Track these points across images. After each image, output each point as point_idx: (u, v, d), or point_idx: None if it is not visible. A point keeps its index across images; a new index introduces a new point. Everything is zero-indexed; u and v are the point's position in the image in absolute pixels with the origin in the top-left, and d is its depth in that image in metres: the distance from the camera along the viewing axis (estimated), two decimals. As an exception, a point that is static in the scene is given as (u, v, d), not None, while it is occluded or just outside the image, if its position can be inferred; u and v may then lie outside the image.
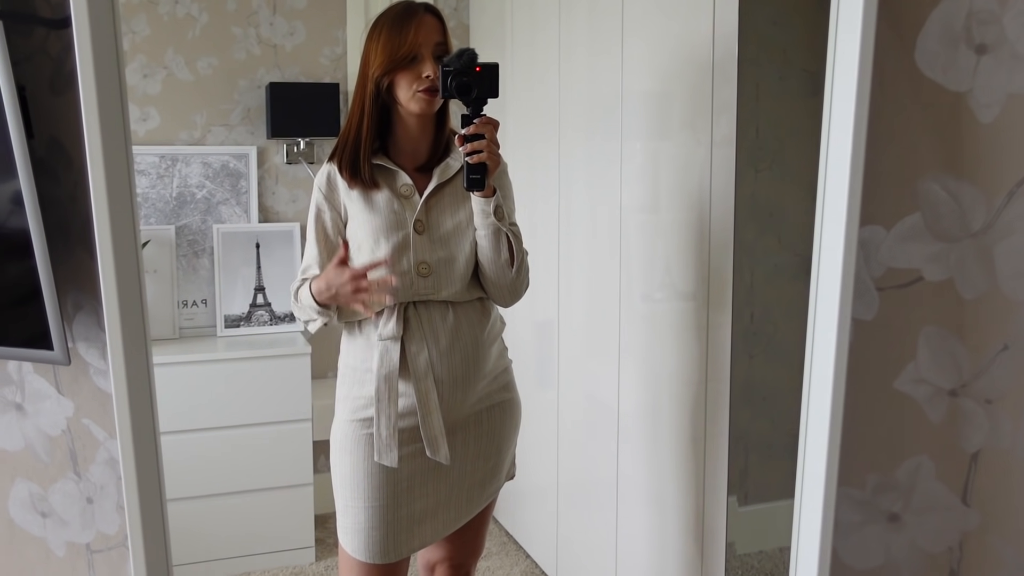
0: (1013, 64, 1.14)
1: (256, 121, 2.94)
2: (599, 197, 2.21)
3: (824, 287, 1.15)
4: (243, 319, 2.90)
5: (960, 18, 1.15)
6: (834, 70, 1.12)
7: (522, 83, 2.69)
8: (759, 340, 1.80)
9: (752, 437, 1.81)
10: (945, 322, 1.21)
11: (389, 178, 1.60)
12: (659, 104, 1.95)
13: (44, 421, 1.43)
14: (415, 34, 1.52)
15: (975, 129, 1.16)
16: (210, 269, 2.90)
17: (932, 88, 1.17)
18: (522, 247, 1.62)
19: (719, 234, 1.73)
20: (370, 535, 1.57)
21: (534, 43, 2.60)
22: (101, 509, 1.44)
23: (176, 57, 2.84)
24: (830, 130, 1.12)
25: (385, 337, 1.56)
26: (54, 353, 1.29)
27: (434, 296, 1.58)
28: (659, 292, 1.98)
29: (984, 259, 1.18)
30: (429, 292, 1.58)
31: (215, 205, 2.90)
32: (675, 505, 1.92)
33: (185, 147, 2.85)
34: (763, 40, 1.74)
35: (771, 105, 1.77)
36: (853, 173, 1.10)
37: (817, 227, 1.16)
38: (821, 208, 1.15)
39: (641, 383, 2.05)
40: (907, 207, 1.20)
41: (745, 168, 1.69)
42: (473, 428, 1.64)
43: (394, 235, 1.57)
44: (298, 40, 2.98)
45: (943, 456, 1.24)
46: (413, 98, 1.54)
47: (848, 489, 1.26)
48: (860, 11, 1.07)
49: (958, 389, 1.22)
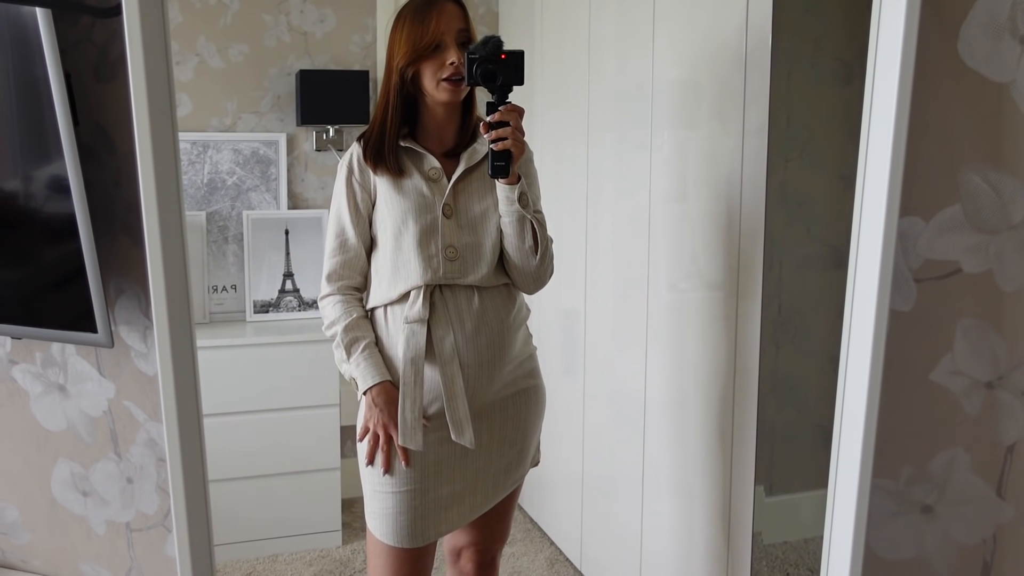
0: (1057, 55, 1.13)
1: (286, 108, 2.96)
2: (627, 186, 2.21)
3: (862, 278, 1.15)
4: (272, 305, 2.93)
5: (1005, 8, 1.14)
6: (876, 59, 1.11)
7: (551, 70, 2.69)
8: (786, 331, 1.80)
9: (779, 428, 1.81)
10: (983, 314, 1.21)
11: (417, 161, 1.62)
12: (689, 93, 1.95)
13: (86, 402, 1.46)
14: (437, 23, 1.54)
15: (1018, 120, 1.16)
16: (239, 255, 2.93)
17: (975, 79, 1.17)
18: (547, 234, 1.63)
19: (749, 224, 1.73)
20: (398, 520, 1.59)
21: (563, 30, 2.60)
22: (140, 489, 1.47)
23: (208, 44, 2.86)
24: (871, 120, 1.12)
25: (411, 320, 1.57)
26: (98, 336, 1.31)
27: (460, 280, 1.59)
28: (686, 282, 1.99)
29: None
30: (456, 276, 1.59)
31: (245, 191, 2.93)
32: (702, 495, 1.93)
33: (216, 134, 2.88)
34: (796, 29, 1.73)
35: (802, 94, 1.76)
36: (894, 164, 1.10)
37: (856, 218, 1.16)
38: (860, 199, 1.15)
39: (668, 372, 2.05)
40: (947, 198, 1.20)
41: (775, 158, 1.69)
42: (499, 414, 1.65)
43: (423, 218, 1.58)
44: (328, 28, 2.99)
45: (978, 448, 1.23)
46: (438, 87, 1.55)
47: (882, 480, 1.26)
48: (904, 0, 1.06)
49: (995, 382, 1.22)
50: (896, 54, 1.07)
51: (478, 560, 1.79)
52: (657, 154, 2.06)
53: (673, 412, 2.03)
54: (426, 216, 1.59)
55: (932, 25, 1.15)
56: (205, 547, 1.21)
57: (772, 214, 1.70)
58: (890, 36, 1.08)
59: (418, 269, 1.57)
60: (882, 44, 1.10)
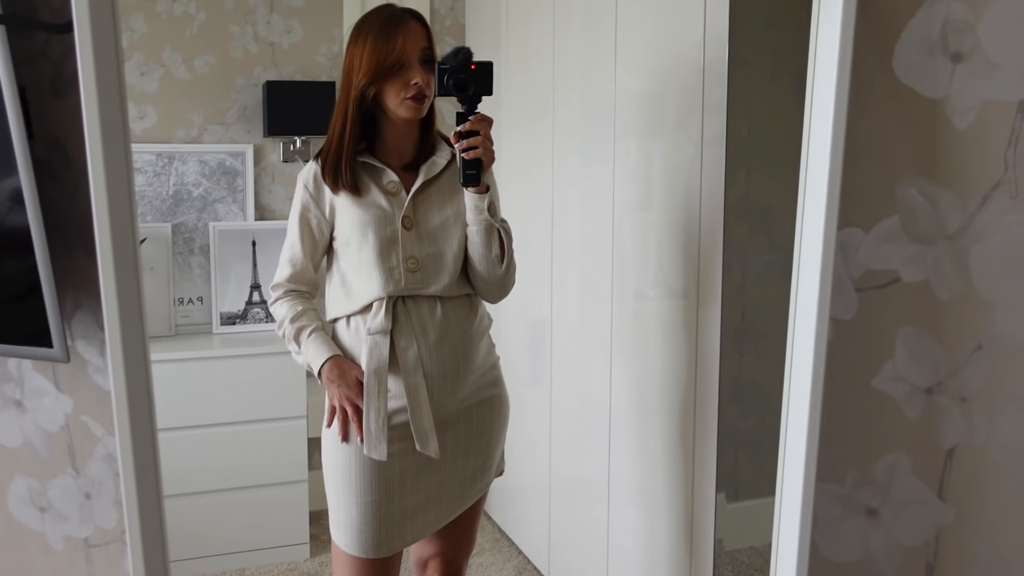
0: (987, 72, 1.17)
1: (253, 119, 2.96)
2: (592, 195, 2.24)
3: (804, 287, 1.19)
4: (239, 317, 2.93)
5: (936, 27, 1.18)
6: (814, 76, 1.15)
7: (517, 81, 2.72)
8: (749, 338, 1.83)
9: (741, 434, 1.83)
10: (922, 322, 1.25)
11: (376, 176, 1.63)
12: (652, 104, 1.98)
13: (43, 418, 1.46)
14: (403, 42, 1.55)
15: (951, 135, 1.19)
16: (206, 267, 2.93)
17: (909, 95, 1.21)
18: (512, 245, 1.65)
19: (709, 233, 1.76)
20: (362, 530, 1.60)
21: (528, 42, 2.63)
22: (99, 504, 1.47)
23: (173, 55, 2.86)
24: (810, 135, 1.15)
25: (374, 331, 1.58)
26: (54, 351, 1.31)
27: (422, 291, 1.61)
28: (652, 290, 2.01)
29: (959, 261, 1.22)
30: (417, 287, 1.60)
31: (211, 203, 2.93)
32: (665, 501, 1.95)
33: (182, 145, 2.88)
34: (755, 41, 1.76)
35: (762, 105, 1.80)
36: (832, 177, 1.13)
37: (797, 229, 1.19)
38: (802, 210, 1.18)
39: (632, 381, 2.08)
40: (885, 210, 1.23)
41: (736, 168, 1.72)
42: (463, 423, 1.67)
43: (382, 230, 1.60)
44: (295, 38, 3.01)
45: (920, 452, 1.27)
46: (402, 104, 1.57)
47: (827, 485, 1.29)
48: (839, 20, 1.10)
49: (934, 387, 1.25)
50: (832, 71, 1.11)
51: (444, 570, 1.80)
52: (621, 164, 2.09)
53: (637, 420, 2.06)
54: (386, 228, 1.60)
55: (867, 44, 1.19)
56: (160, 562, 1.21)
57: (735, 223, 1.73)
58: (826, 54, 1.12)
59: (379, 280, 1.59)
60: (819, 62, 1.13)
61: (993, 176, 1.18)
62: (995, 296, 1.20)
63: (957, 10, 1.17)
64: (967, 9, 1.17)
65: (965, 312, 1.22)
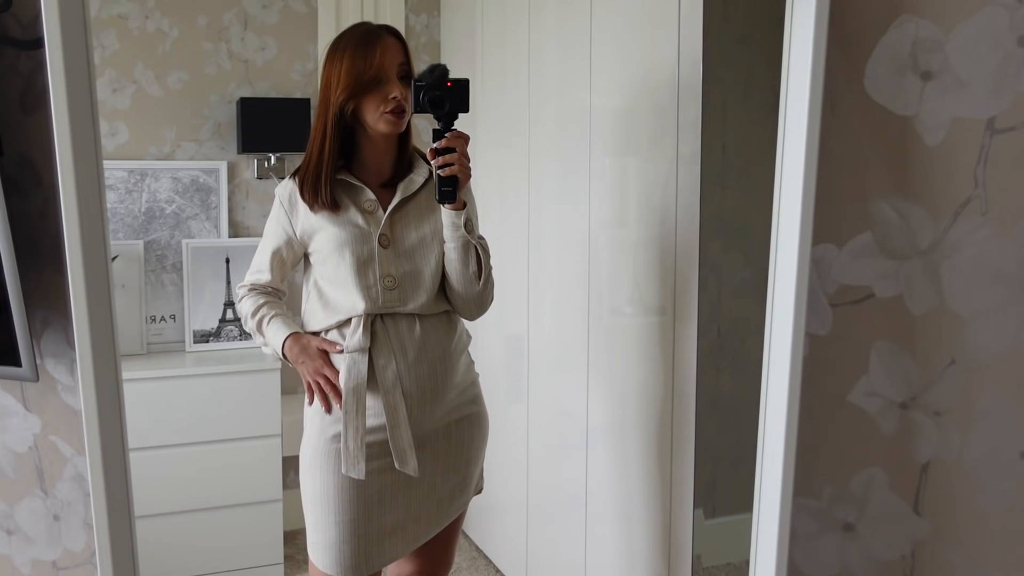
0: (956, 90, 1.19)
1: (227, 136, 2.94)
2: (568, 212, 2.24)
3: (779, 303, 1.19)
4: (212, 334, 2.90)
5: (906, 46, 1.20)
6: (787, 95, 1.16)
7: (492, 99, 2.73)
8: (726, 354, 1.84)
9: (719, 450, 1.84)
10: (896, 337, 1.26)
11: (353, 194, 1.63)
12: (627, 121, 1.99)
13: (10, 438, 1.43)
14: (380, 57, 1.55)
15: (921, 152, 1.21)
16: (179, 284, 2.89)
17: (880, 112, 1.22)
18: (489, 261, 1.65)
19: (685, 249, 1.77)
20: (341, 549, 1.58)
21: (504, 59, 2.64)
22: (68, 526, 1.44)
23: (146, 72, 2.84)
24: (784, 152, 1.16)
25: (352, 349, 1.58)
26: (22, 370, 1.29)
27: (400, 308, 1.60)
28: (628, 307, 2.02)
29: (932, 276, 1.23)
30: (395, 304, 1.60)
31: (184, 220, 2.90)
32: (643, 518, 1.95)
33: (155, 162, 2.85)
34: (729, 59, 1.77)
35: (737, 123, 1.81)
36: (806, 193, 1.14)
37: (772, 245, 1.20)
38: (776, 227, 1.19)
39: (609, 397, 2.08)
40: (858, 226, 1.24)
41: (712, 184, 1.73)
42: (442, 441, 1.66)
43: (359, 248, 1.59)
44: (269, 55, 3.00)
45: (895, 467, 1.28)
46: (380, 119, 1.57)
47: (804, 500, 1.29)
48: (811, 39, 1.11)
49: (908, 402, 1.26)
50: (805, 91, 1.12)
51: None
52: (597, 181, 2.09)
53: (615, 436, 2.06)
54: (362, 246, 1.60)
55: (839, 62, 1.21)
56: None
57: (710, 240, 1.74)
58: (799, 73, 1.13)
59: (357, 298, 1.58)
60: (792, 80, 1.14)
61: (963, 192, 1.19)
62: (967, 311, 1.22)
63: (926, 29, 1.19)
64: (936, 28, 1.19)
65: (938, 327, 1.23)
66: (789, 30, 1.16)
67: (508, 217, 2.61)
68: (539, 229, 2.43)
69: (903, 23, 1.19)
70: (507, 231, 2.60)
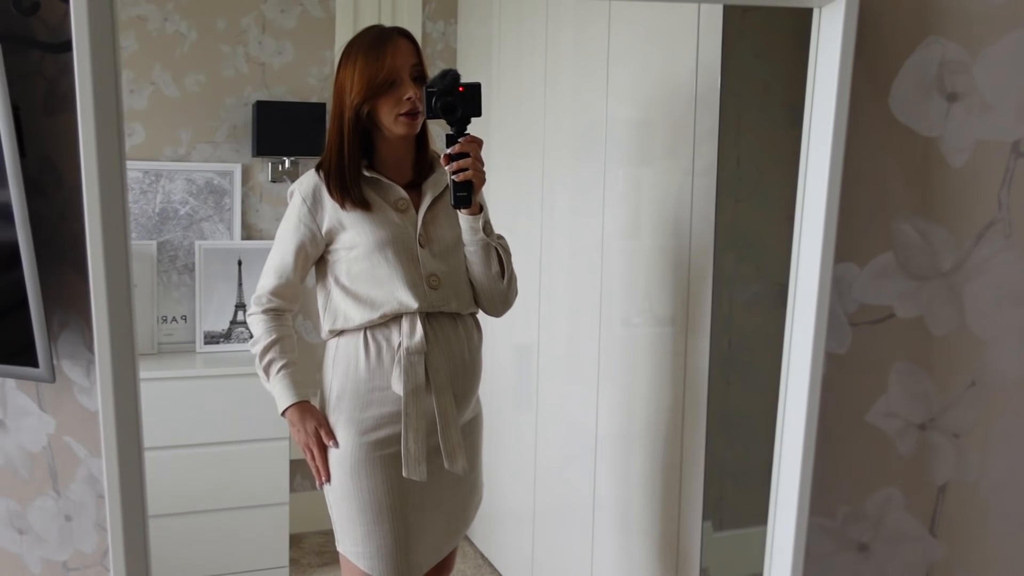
0: (982, 112, 1.19)
1: (242, 139, 2.95)
2: (581, 221, 2.24)
3: (799, 321, 1.19)
4: (223, 336, 2.90)
5: (933, 67, 1.20)
6: (812, 113, 1.16)
7: (508, 107, 2.73)
8: (736, 367, 1.83)
9: (727, 463, 1.83)
10: (915, 358, 1.25)
11: (383, 192, 1.62)
12: (642, 132, 1.99)
13: (25, 438, 1.43)
14: (392, 59, 1.55)
15: (946, 173, 1.21)
16: (191, 285, 2.90)
17: (905, 133, 1.22)
18: (510, 258, 1.65)
19: (698, 261, 1.77)
20: (396, 555, 1.58)
21: (520, 68, 2.64)
22: (79, 527, 1.44)
23: (163, 73, 2.85)
24: (807, 171, 1.16)
25: (412, 351, 1.56)
26: (39, 370, 1.29)
27: (444, 308, 1.61)
28: (638, 317, 2.01)
29: (953, 298, 1.22)
30: (440, 304, 1.60)
31: (198, 221, 2.91)
32: (651, 529, 1.94)
33: (170, 163, 2.86)
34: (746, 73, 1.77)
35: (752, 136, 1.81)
36: (828, 212, 1.14)
37: (793, 263, 1.20)
38: (797, 245, 1.19)
39: (619, 407, 2.07)
40: (880, 246, 1.24)
41: (725, 197, 1.72)
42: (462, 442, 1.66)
43: (402, 248, 1.59)
44: (286, 59, 3.00)
45: (912, 488, 1.27)
46: (396, 121, 1.57)
47: (819, 519, 1.29)
48: (837, 58, 1.11)
49: (927, 423, 1.26)
50: (830, 109, 1.12)
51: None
52: (611, 191, 2.09)
53: (623, 447, 2.05)
54: (404, 246, 1.59)
55: (864, 82, 1.20)
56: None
57: (723, 252, 1.73)
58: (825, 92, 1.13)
59: (407, 296, 1.57)
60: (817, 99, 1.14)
61: (987, 215, 1.19)
62: (988, 333, 1.21)
63: (953, 51, 1.19)
64: (963, 50, 1.18)
65: (958, 349, 1.23)
66: (815, 46, 1.16)
67: (521, 225, 2.60)
68: (552, 238, 2.43)
69: (930, 44, 1.19)
70: (519, 239, 2.59)
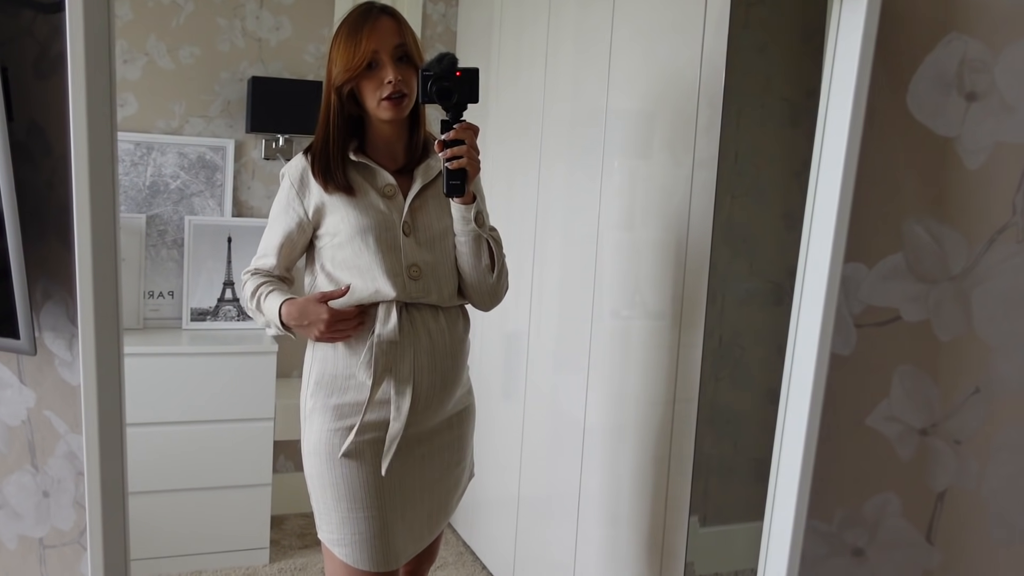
0: (1001, 113, 1.16)
1: (236, 114, 2.90)
2: (577, 211, 2.21)
3: (805, 320, 1.16)
4: (210, 313, 2.86)
5: (953, 65, 1.17)
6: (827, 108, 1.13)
7: (507, 92, 2.69)
8: (726, 363, 1.81)
9: (715, 459, 1.82)
10: (920, 362, 1.23)
11: (370, 177, 1.58)
12: (642, 123, 1.96)
13: (4, 411, 1.39)
14: (368, 40, 1.49)
15: (961, 174, 1.18)
16: (179, 261, 2.85)
17: (921, 131, 1.19)
18: (502, 252, 1.61)
19: (695, 255, 1.74)
20: (373, 544, 1.55)
21: (520, 52, 2.60)
22: (57, 504, 1.41)
23: (158, 44, 2.79)
24: (819, 167, 1.13)
25: (384, 339, 1.53)
26: (20, 342, 1.25)
27: (423, 299, 1.56)
28: (630, 309, 1.99)
29: (961, 302, 1.20)
30: (420, 295, 1.56)
31: (188, 196, 2.86)
32: (637, 522, 1.92)
33: (162, 136, 2.81)
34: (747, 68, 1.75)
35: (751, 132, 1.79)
36: (840, 211, 1.11)
37: (801, 261, 1.17)
38: (806, 243, 1.16)
39: (608, 399, 2.05)
40: (890, 247, 1.22)
41: (721, 193, 1.70)
42: (447, 433, 1.64)
43: (384, 235, 1.55)
44: (283, 35, 2.95)
45: (910, 494, 1.25)
46: (379, 106, 1.51)
47: (815, 521, 1.27)
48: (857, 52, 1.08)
49: (928, 428, 1.24)
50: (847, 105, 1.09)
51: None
52: (608, 181, 2.06)
53: (611, 439, 2.03)
54: (387, 234, 1.55)
55: (882, 78, 1.17)
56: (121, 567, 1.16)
57: (717, 248, 1.71)
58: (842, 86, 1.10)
59: (385, 285, 1.53)
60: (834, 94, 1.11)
61: (1001, 219, 1.17)
62: (995, 340, 1.19)
63: (975, 48, 1.16)
64: (985, 49, 1.16)
65: (964, 354, 1.21)
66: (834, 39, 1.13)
67: (515, 213, 2.57)
68: (546, 226, 2.40)
69: (951, 41, 1.16)
70: (514, 227, 2.57)
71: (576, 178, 2.23)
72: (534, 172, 2.47)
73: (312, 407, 1.60)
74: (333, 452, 1.56)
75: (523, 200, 2.53)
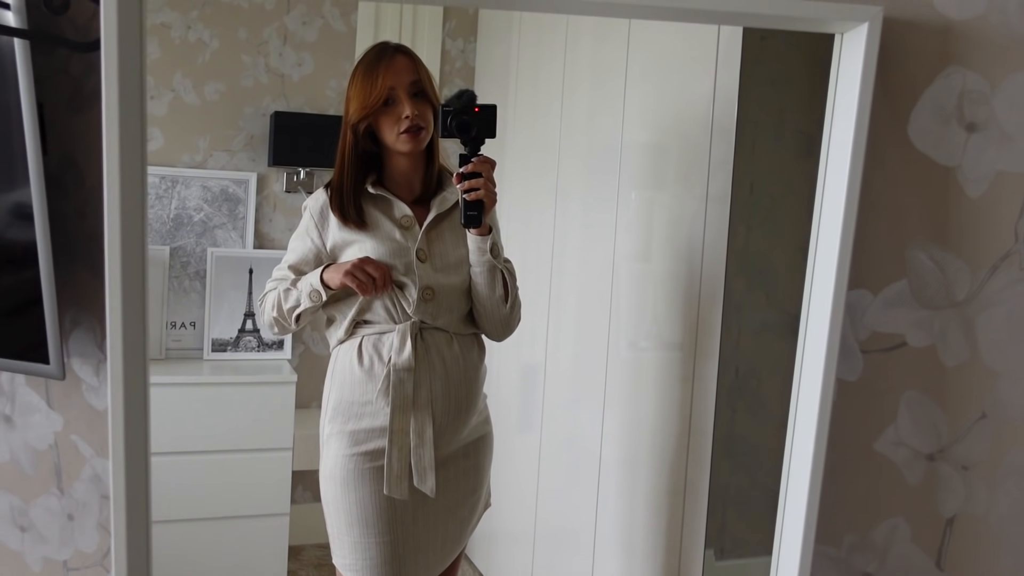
0: (1001, 142, 1.19)
1: (258, 148, 2.97)
2: (593, 243, 2.24)
3: (811, 347, 1.19)
4: (230, 344, 2.90)
5: (953, 97, 1.20)
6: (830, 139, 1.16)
7: (523, 127, 2.74)
8: (742, 395, 1.82)
9: (731, 491, 1.82)
10: (926, 388, 1.24)
11: (387, 208, 1.63)
12: (657, 156, 1.99)
13: (32, 435, 1.43)
14: (385, 78, 1.56)
15: (963, 203, 1.21)
16: (201, 292, 2.90)
17: (923, 161, 1.22)
18: (516, 284, 1.65)
19: (709, 287, 1.76)
20: (384, 570, 1.57)
21: (537, 89, 2.66)
22: (81, 527, 1.44)
23: (184, 80, 2.87)
24: (823, 196, 1.16)
25: (400, 368, 1.56)
26: (50, 367, 1.29)
27: (434, 322, 1.60)
28: (646, 341, 2.01)
29: (966, 329, 1.22)
30: (432, 318, 1.60)
31: (211, 228, 2.92)
32: (652, 555, 1.92)
33: (186, 169, 2.88)
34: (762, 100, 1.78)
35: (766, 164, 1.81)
36: (844, 238, 1.14)
37: (806, 288, 1.19)
38: (811, 270, 1.19)
39: (624, 431, 2.06)
40: (894, 274, 1.24)
41: (737, 224, 1.72)
42: (462, 462, 1.66)
43: (400, 261, 1.59)
44: (306, 71, 3.02)
45: (919, 519, 1.26)
46: (398, 139, 1.58)
47: (824, 547, 1.28)
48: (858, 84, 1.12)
49: (936, 454, 1.25)
50: (849, 135, 1.12)
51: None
52: (623, 214, 2.09)
53: (627, 471, 2.04)
54: (402, 260, 1.60)
55: (884, 110, 1.21)
56: (143, 588, 1.18)
57: (733, 279, 1.73)
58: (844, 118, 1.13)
59: (396, 306, 1.58)
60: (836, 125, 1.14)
61: (1003, 246, 1.19)
62: (1000, 366, 1.20)
63: (974, 81, 1.19)
64: (983, 81, 1.19)
65: (970, 380, 1.22)
66: (836, 72, 1.16)
67: (532, 245, 2.61)
68: (562, 259, 2.43)
69: (950, 74, 1.20)
70: (530, 259, 2.60)
71: (592, 210, 2.26)
72: (550, 205, 2.51)
73: (330, 432, 1.63)
74: (348, 477, 1.58)
75: (540, 232, 2.57)
